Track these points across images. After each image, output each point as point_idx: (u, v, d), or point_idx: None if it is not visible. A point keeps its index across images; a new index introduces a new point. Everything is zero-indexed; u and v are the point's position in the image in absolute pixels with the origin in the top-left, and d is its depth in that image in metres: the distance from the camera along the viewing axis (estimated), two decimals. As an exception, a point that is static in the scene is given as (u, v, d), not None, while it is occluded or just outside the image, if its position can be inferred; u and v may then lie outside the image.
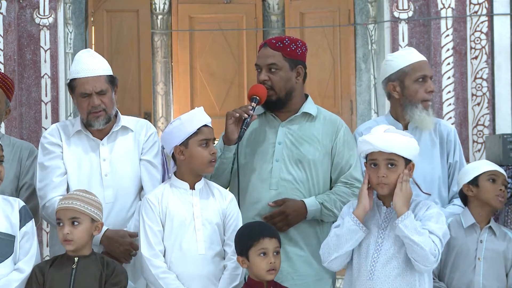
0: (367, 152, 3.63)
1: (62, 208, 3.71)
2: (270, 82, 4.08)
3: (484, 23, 6.20)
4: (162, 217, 3.79)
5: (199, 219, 3.78)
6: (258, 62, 4.13)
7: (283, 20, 8.20)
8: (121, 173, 4.08)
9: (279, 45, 4.11)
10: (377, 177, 3.59)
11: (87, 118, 4.05)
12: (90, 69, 4.07)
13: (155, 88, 8.21)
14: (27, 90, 6.21)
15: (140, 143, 4.13)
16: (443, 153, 4.19)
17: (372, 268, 3.58)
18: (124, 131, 4.15)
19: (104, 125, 4.06)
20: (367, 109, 7.06)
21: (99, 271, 3.68)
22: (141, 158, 4.13)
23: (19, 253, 3.75)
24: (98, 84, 4.03)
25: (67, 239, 3.67)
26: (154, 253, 3.75)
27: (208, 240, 3.77)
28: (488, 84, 6.18)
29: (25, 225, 3.78)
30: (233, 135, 3.96)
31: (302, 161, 4.06)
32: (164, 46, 8.25)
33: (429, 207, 3.63)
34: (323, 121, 4.18)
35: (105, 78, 4.08)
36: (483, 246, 3.92)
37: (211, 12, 8.34)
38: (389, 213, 3.64)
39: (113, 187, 4.04)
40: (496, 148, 5.63)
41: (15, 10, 6.17)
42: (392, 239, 3.60)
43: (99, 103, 4.02)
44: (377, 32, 6.68)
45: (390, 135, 3.65)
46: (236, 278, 3.77)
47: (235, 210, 3.87)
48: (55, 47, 6.25)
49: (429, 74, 4.17)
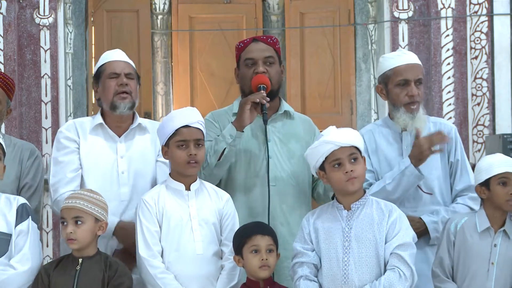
0: (327, 153, 3.64)
1: (66, 207, 3.72)
2: (268, 75, 4.11)
3: (484, 23, 6.20)
4: (159, 217, 3.79)
5: (195, 219, 3.78)
6: (252, 56, 4.14)
7: (283, 20, 8.21)
8: (138, 172, 4.08)
9: (270, 41, 4.19)
10: (344, 174, 3.61)
11: (112, 100, 4.06)
12: (120, 57, 4.21)
13: (155, 88, 8.21)
14: (27, 90, 6.21)
15: (156, 144, 4.12)
16: (443, 153, 4.18)
17: (345, 272, 3.61)
18: (142, 131, 4.16)
19: (128, 109, 4.07)
20: (367, 109, 7.06)
21: (101, 272, 3.68)
22: (157, 159, 4.14)
23: (14, 251, 3.74)
24: (127, 67, 4.15)
25: (70, 238, 3.68)
26: (152, 254, 3.74)
27: (206, 240, 3.77)
28: (488, 84, 6.19)
29: (21, 223, 3.78)
30: (248, 121, 3.98)
31: (293, 158, 4.10)
32: (164, 46, 8.25)
33: (391, 211, 3.70)
34: (299, 120, 4.25)
35: (133, 67, 4.21)
36: (497, 250, 3.89)
37: (211, 12, 8.34)
38: (350, 215, 3.68)
39: (129, 185, 4.05)
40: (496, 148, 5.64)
41: (15, 10, 6.17)
42: (357, 241, 3.63)
43: (127, 82, 4.08)
44: (377, 32, 6.68)
45: (345, 130, 3.73)
46: (234, 277, 3.77)
47: (231, 210, 3.87)
48: (55, 47, 6.25)
49: (411, 78, 4.14)
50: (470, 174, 4.19)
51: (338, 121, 7.59)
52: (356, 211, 3.68)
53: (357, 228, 3.64)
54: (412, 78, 4.14)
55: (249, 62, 4.15)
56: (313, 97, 7.78)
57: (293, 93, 7.90)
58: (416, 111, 4.14)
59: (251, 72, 4.13)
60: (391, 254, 3.62)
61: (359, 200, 3.69)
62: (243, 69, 4.17)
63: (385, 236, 3.65)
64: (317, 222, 3.72)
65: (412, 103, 4.14)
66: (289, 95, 7.95)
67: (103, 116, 4.14)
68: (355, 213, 3.67)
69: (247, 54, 4.17)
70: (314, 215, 3.76)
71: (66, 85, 6.38)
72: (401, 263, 3.60)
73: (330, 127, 3.73)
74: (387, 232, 3.65)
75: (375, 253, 3.62)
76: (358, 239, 3.63)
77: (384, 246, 3.63)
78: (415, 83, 4.15)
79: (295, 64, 7.90)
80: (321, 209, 3.80)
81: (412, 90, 4.13)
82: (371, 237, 3.63)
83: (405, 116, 4.14)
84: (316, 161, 3.70)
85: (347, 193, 3.67)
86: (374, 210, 3.68)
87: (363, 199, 3.70)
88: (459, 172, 4.17)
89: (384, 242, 3.64)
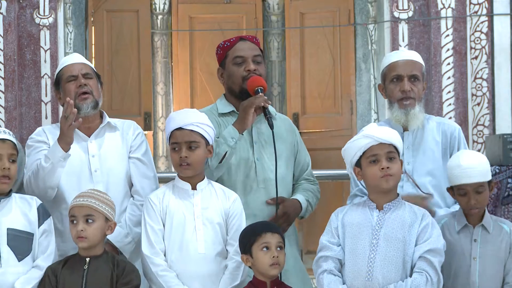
0: (366, 148, 3.64)
1: (77, 205, 3.73)
2: (258, 73, 4.11)
3: (484, 23, 6.20)
4: (163, 216, 3.81)
5: (199, 218, 3.79)
6: (242, 54, 4.15)
7: (283, 20, 8.20)
8: (111, 169, 4.11)
9: (255, 41, 4.22)
10: (380, 170, 3.61)
11: (75, 102, 4.07)
12: (75, 59, 4.22)
13: (155, 88, 8.21)
14: (27, 90, 6.21)
15: (128, 141, 4.17)
16: (446, 153, 4.18)
17: (370, 269, 3.60)
18: (112, 129, 4.19)
19: (92, 109, 4.10)
20: (367, 109, 7.06)
21: (110, 271, 3.69)
22: (130, 156, 4.16)
23: (38, 250, 3.79)
24: (84, 68, 4.16)
25: (81, 235, 3.69)
26: (155, 252, 3.77)
27: (209, 239, 3.78)
28: (488, 84, 6.18)
29: (44, 223, 3.83)
30: (250, 124, 4.00)
31: (279, 159, 4.08)
32: (164, 46, 8.25)
33: (424, 215, 3.70)
34: (279, 120, 4.24)
35: (90, 67, 4.22)
36: (478, 245, 3.90)
37: (211, 12, 8.34)
38: (382, 215, 3.66)
39: (103, 183, 4.07)
40: (496, 148, 5.63)
41: (15, 10, 6.17)
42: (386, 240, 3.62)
43: (85, 83, 4.10)
44: (377, 32, 6.68)
45: (386, 128, 3.75)
46: (237, 277, 3.77)
47: (238, 210, 3.88)
48: (55, 47, 6.25)
49: (403, 73, 4.14)
50: None
51: (338, 121, 7.60)
52: (388, 212, 3.67)
53: (388, 227, 3.64)
54: (405, 74, 4.14)
55: (238, 60, 4.14)
56: (313, 97, 7.78)
57: (293, 93, 7.89)
58: (411, 108, 4.13)
59: (241, 70, 4.12)
60: (420, 258, 3.61)
61: (393, 201, 3.69)
62: (231, 67, 4.15)
63: (416, 238, 3.64)
64: (346, 217, 3.72)
65: (405, 98, 4.13)
66: (289, 95, 7.95)
67: None
68: (387, 213, 3.67)
69: (236, 52, 4.16)
70: (344, 210, 3.76)
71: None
72: (430, 268, 3.60)
73: (371, 123, 3.74)
74: (418, 234, 3.65)
75: (402, 253, 3.61)
76: (387, 238, 3.62)
77: (413, 248, 3.63)
78: (409, 79, 4.15)
79: (295, 64, 7.89)
80: (352, 205, 3.81)
81: (404, 86, 4.13)
82: (401, 237, 3.63)
83: (398, 112, 4.14)
84: (353, 156, 3.70)
85: (381, 190, 3.66)
86: (407, 213, 3.68)
87: (396, 201, 3.70)
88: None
89: (414, 244, 3.63)
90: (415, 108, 4.13)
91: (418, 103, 4.15)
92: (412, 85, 4.14)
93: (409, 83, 4.14)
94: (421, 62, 4.23)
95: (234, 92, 4.15)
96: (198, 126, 3.82)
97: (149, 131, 8.01)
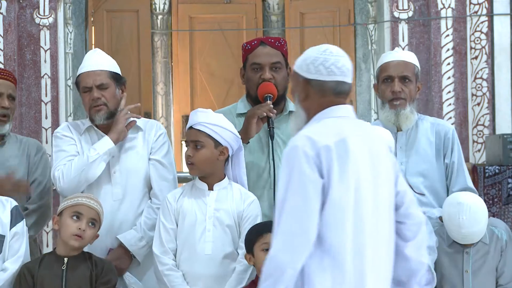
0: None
1: (87, 205, 3.73)
2: (274, 81, 4.09)
3: (484, 23, 6.19)
4: (177, 215, 3.82)
5: (211, 219, 3.79)
6: (259, 61, 4.11)
7: (283, 20, 8.21)
8: (130, 171, 4.08)
9: (277, 44, 4.15)
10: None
11: (90, 113, 4.06)
12: (92, 65, 4.11)
13: (155, 88, 8.21)
14: (27, 90, 6.20)
15: (149, 142, 4.14)
16: (439, 153, 4.18)
17: None
18: (133, 129, 4.15)
19: (105, 120, 4.06)
20: (367, 109, 7.06)
21: (89, 271, 3.69)
22: (150, 157, 4.13)
23: (8, 253, 3.75)
24: (98, 78, 4.06)
25: (80, 235, 3.68)
26: (164, 250, 3.79)
27: (218, 241, 3.77)
28: (488, 84, 6.18)
29: (16, 225, 3.79)
30: (253, 134, 3.98)
31: None
32: (164, 46, 8.25)
33: None
34: None
35: (107, 73, 4.11)
36: (470, 257, 3.89)
37: (211, 12, 8.34)
38: None
39: (122, 184, 4.05)
40: (496, 148, 5.64)
41: (15, 10, 6.17)
42: None
43: (99, 96, 4.04)
44: (377, 32, 6.68)
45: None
46: (243, 280, 3.76)
47: (253, 213, 3.84)
48: (55, 47, 6.25)
49: (394, 74, 4.15)
50: (466, 176, 4.18)
51: (338, 121, 7.59)
52: None
53: None
54: (396, 74, 4.15)
55: (256, 66, 4.12)
56: (313, 97, 7.76)
57: (293, 93, 7.89)
58: (401, 108, 4.13)
59: (258, 77, 4.10)
60: None
61: None
62: (250, 72, 4.14)
63: None
64: None
65: (395, 99, 4.14)
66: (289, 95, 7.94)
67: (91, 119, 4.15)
68: None
69: (254, 58, 4.13)
70: None
71: (66, 85, 6.37)
72: None
73: None
74: None
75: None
76: None
77: None
78: (400, 79, 4.15)
79: (295, 64, 7.89)
80: None
81: (394, 86, 4.14)
82: None
83: (388, 112, 4.16)
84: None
85: None
86: None
87: None
88: (455, 174, 4.16)
89: None
90: (405, 109, 4.13)
91: (409, 104, 4.15)
92: (403, 86, 4.14)
93: (400, 84, 4.14)
94: (414, 63, 4.22)
95: (251, 95, 4.16)
96: (206, 126, 3.80)
97: (149, 131, 8.01)
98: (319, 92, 2.99)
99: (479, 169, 5.52)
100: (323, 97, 2.99)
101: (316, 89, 2.99)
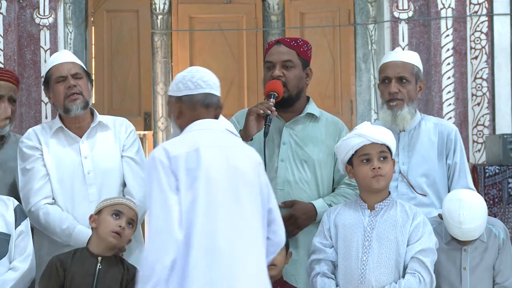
0: (358, 147, 3.65)
1: (127, 205, 3.76)
2: (284, 79, 4.08)
3: (484, 23, 6.19)
4: None
5: None
6: (271, 59, 4.12)
7: (283, 20, 8.20)
8: (104, 170, 4.07)
9: (293, 44, 4.14)
10: (372, 170, 3.61)
11: (64, 103, 4.04)
12: (64, 58, 4.16)
13: (155, 88, 8.21)
14: (27, 90, 6.20)
15: (120, 139, 4.14)
16: (442, 154, 4.18)
17: (362, 271, 3.59)
18: (103, 128, 4.15)
19: (82, 109, 4.06)
20: (367, 109, 7.06)
21: (120, 274, 3.68)
22: (123, 154, 4.13)
23: (15, 252, 3.75)
24: (73, 68, 4.11)
25: (119, 232, 3.68)
26: None
27: None
28: (488, 84, 6.18)
29: (21, 224, 3.79)
30: (253, 131, 3.96)
31: (307, 162, 4.06)
32: (164, 46, 8.24)
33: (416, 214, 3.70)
34: (325, 123, 4.19)
35: (80, 66, 4.16)
36: (468, 255, 3.90)
37: (211, 12, 8.34)
38: (374, 215, 3.65)
39: (97, 185, 4.04)
40: (496, 148, 5.64)
41: (15, 10, 6.17)
42: (378, 241, 3.62)
43: (75, 84, 4.05)
44: (377, 32, 6.68)
45: (380, 127, 3.75)
46: None
47: None
48: (55, 47, 6.24)
49: (391, 75, 4.15)
50: (468, 177, 4.18)
51: (338, 121, 7.59)
52: (380, 212, 3.67)
53: (380, 229, 3.63)
54: (392, 75, 4.14)
55: (268, 65, 4.14)
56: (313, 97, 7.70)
57: (293, 93, 7.89)
58: (399, 109, 4.13)
59: (269, 75, 4.11)
60: (412, 258, 3.61)
61: (384, 200, 3.68)
62: (264, 71, 4.17)
63: (407, 238, 3.64)
64: (338, 218, 3.71)
65: (391, 100, 4.14)
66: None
67: (61, 120, 4.13)
68: (379, 213, 3.66)
69: (268, 56, 4.16)
70: (336, 211, 3.75)
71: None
72: (422, 269, 3.59)
73: (364, 122, 3.74)
74: (410, 234, 3.64)
75: (395, 254, 3.61)
76: (379, 240, 3.62)
77: (405, 249, 3.63)
78: (397, 80, 4.15)
79: (295, 64, 7.89)
80: (344, 205, 3.79)
81: (391, 87, 4.13)
82: (393, 239, 3.62)
83: (386, 113, 4.15)
84: (345, 154, 3.70)
85: (372, 190, 3.65)
86: (398, 212, 3.67)
87: (387, 200, 3.69)
88: (457, 175, 4.15)
89: (406, 244, 3.63)
90: (402, 110, 4.13)
91: (408, 105, 4.14)
92: (400, 87, 4.14)
93: (397, 84, 4.13)
94: (413, 63, 4.20)
95: None
96: None
97: (149, 131, 8.01)
98: (190, 107, 3.25)
99: (479, 169, 5.52)
100: (194, 111, 3.25)
101: (187, 104, 3.25)
